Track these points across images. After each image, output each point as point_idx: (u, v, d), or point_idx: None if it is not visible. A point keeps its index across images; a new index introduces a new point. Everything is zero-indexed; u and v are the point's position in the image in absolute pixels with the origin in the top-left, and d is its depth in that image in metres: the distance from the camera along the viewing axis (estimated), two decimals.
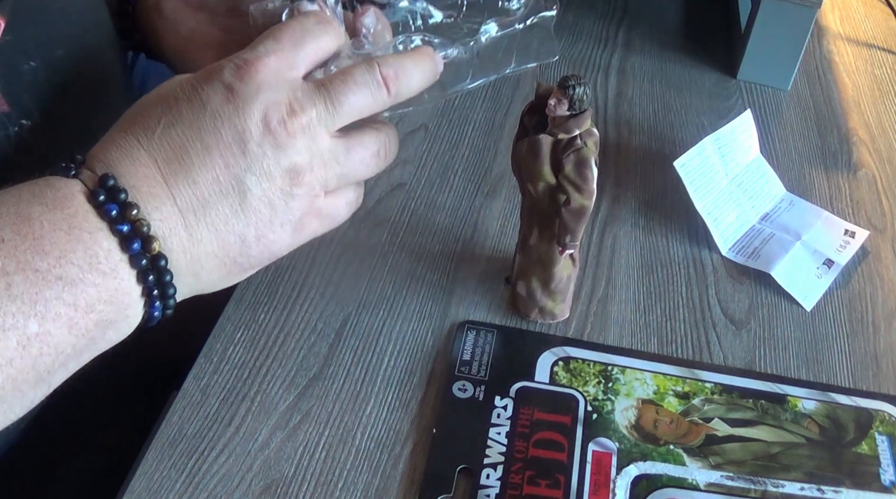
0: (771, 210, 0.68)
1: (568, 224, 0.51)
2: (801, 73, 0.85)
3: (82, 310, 0.35)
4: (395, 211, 0.63)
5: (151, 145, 0.38)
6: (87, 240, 0.35)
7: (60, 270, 0.34)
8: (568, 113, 0.49)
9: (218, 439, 0.48)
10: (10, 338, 0.33)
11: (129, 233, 0.36)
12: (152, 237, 0.36)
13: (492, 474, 0.47)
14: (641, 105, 0.79)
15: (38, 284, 0.33)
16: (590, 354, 0.54)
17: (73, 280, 0.34)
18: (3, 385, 0.33)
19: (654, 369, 0.54)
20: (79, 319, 0.35)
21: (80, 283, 0.34)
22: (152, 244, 0.36)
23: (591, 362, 0.54)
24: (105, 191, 0.36)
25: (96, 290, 0.35)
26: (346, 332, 0.54)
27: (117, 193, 0.36)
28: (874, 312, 0.61)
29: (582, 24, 0.89)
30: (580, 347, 0.55)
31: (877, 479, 0.49)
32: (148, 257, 0.37)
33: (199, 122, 0.38)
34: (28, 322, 0.33)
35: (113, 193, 0.36)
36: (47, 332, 0.34)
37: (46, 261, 0.34)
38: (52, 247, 0.34)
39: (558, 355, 0.54)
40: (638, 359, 0.54)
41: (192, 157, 0.38)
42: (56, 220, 0.35)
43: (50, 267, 0.34)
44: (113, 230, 0.36)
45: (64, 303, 0.34)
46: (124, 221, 0.36)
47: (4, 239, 0.33)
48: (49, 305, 0.33)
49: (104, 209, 0.36)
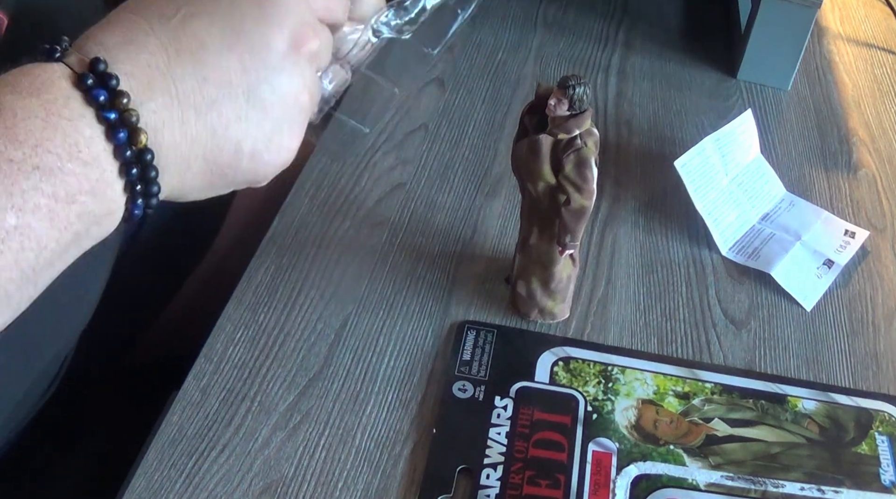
0: (771, 210, 0.68)
1: (568, 224, 0.51)
2: (801, 73, 0.85)
3: (63, 201, 0.33)
4: (395, 211, 0.63)
5: (164, 32, 0.35)
6: (65, 127, 0.33)
7: (37, 159, 0.32)
8: (568, 113, 0.49)
9: (218, 439, 0.48)
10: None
11: (115, 121, 0.34)
12: (140, 129, 0.34)
13: (492, 474, 0.47)
14: (641, 105, 0.79)
15: (14, 175, 0.31)
16: (590, 354, 0.54)
17: (51, 169, 0.32)
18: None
19: (654, 369, 0.54)
20: (60, 210, 0.33)
21: (59, 172, 0.32)
22: (139, 136, 0.34)
23: (591, 362, 0.54)
24: (95, 75, 0.34)
25: (76, 180, 0.33)
26: (346, 332, 0.54)
27: (108, 79, 0.34)
28: (874, 312, 0.61)
29: (582, 24, 0.89)
30: (580, 347, 0.55)
31: (877, 479, 0.49)
32: (133, 151, 0.34)
33: (225, 19, 0.36)
34: (5, 215, 0.31)
35: (103, 78, 0.34)
36: (27, 224, 0.32)
37: (21, 150, 0.31)
38: (27, 136, 0.32)
39: (558, 355, 0.54)
40: (638, 359, 0.54)
41: (210, 52, 0.36)
42: (30, 106, 0.32)
43: (25, 157, 0.32)
44: (99, 117, 0.33)
45: (43, 193, 0.32)
46: (112, 108, 0.33)
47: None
48: (27, 195, 0.31)
49: (91, 95, 0.33)
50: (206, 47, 0.36)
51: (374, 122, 0.58)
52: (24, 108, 0.32)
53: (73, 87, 0.33)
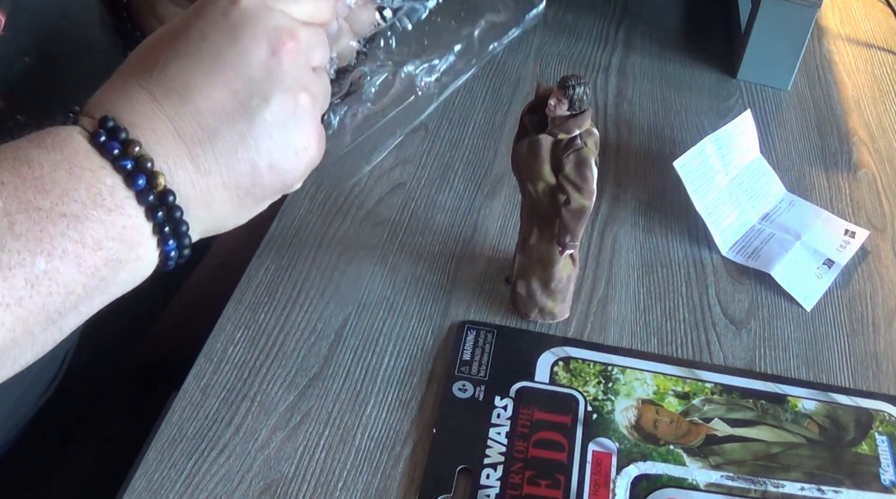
0: (771, 210, 0.68)
1: (568, 224, 0.51)
2: (801, 73, 0.85)
3: (90, 247, 0.34)
4: (395, 211, 0.63)
5: (150, 83, 0.37)
6: (89, 178, 0.35)
7: (64, 207, 0.33)
8: (568, 113, 0.49)
9: (218, 439, 0.48)
10: (17, 276, 0.32)
11: (132, 169, 0.35)
12: (157, 173, 0.36)
13: (492, 474, 0.47)
14: (641, 105, 0.79)
15: (42, 222, 0.33)
16: (590, 354, 0.54)
17: (77, 216, 0.34)
18: (13, 327, 0.33)
19: (654, 369, 0.54)
20: (87, 255, 0.34)
21: (86, 219, 0.34)
22: (158, 179, 0.36)
23: (591, 362, 0.54)
24: (105, 131, 0.36)
25: (103, 226, 0.34)
26: (346, 332, 0.54)
27: (118, 132, 0.36)
28: (874, 312, 0.61)
29: (582, 24, 0.89)
30: (580, 347, 0.55)
31: (877, 479, 0.49)
32: (155, 193, 0.36)
33: (199, 54, 0.38)
34: (35, 259, 0.33)
35: (114, 132, 0.36)
36: (55, 269, 0.33)
37: (49, 199, 0.33)
38: (54, 186, 0.33)
39: (558, 355, 0.54)
40: (638, 359, 0.54)
41: (194, 87, 0.38)
42: (56, 160, 0.34)
43: (53, 205, 0.33)
44: (116, 167, 0.35)
45: (70, 239, 0.33)
46: (127, 157, 0.35)
47: (4, 182, 0.33)
48: (55, 241, 0.33)
49: (106, 148, 0.35)
50: (189, 84, 0.38)
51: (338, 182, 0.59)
52: (51, 162, 0.34)
53: (87, 143, 0.35)
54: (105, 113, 0.36)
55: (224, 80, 0.38)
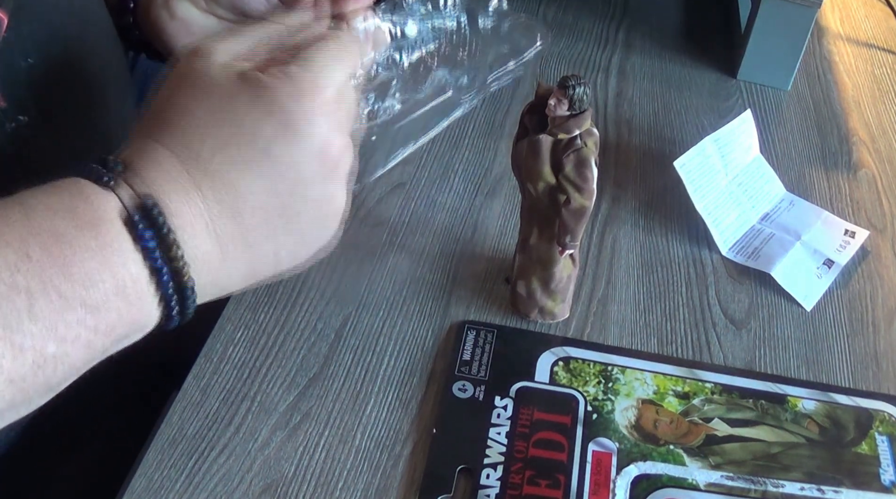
0: (771, 210, 0.68)
1: (568, 224, 0.51)
2: (801, 73, 0.85)
3: (102, 333, 0.34)
4: (395, 211, 0.63)
5: (196, 171, 0.36)
6: (115, 268, 0.34)
7: (86, 296, 0.33)
8: (568, 113, 0.49)
9: (218, 439, 0.48)
10: (27, 357, 0.32)
11: (161, 265, 0.35)
12: (182, 268, 0.36)
13: (492, 474, 0.47)
14: (641, 105, 0.79)
15: (62, 309, 0.33)
16: (590, 354, 0.54)
17: (97, 306, 0.33)
18: (13, 399, 0.33)
19: (654, 369, 0.54)
20: (98, 341, 0.34)
21: (104, 309, 0.34)
22: (183, 277, 0.36)
23: (591, 362, 0.54)
24: (144, 217, 0.35)
25: (119, 315, 0.35)
26: (346, 332, 0.54)
27: (156, 220, 0.35)
28: (874, 312, 0.61)
29: (582, 24, 0.89)
30: (580, 347, 0.55)
31: (877, 479, 0.49)
32: (174, 285, 0.36)
33: (251, 153, 0.37)
34: (47, 344, 0.32)
35: (152, 220, 0.35)
36: (65, 352, 0.33)
37: (73, 287, 0.33)
38: (80, 273, 0.33)
39: (558, 355, 0.54)
40: (638, 359, 0.54)
41: (241, 187, 0.37)
42: (89, 246, 0.34)
43: (75, 293, 0.33)
44: (146, 259, 0.35)
45: (85, 327, 0.33)
46: (160, 250, 0.35)
47: (32, 257, 0.32)
48: (69, 328, 0.33)
49: (141, 237, 0.34)
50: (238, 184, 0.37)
51: None
52: (84, 247, 0.33)
53: (123, 226, 0.35)
54: (146, 190, 0.35)
55: (271, 182, 0.37)
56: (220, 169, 0.37)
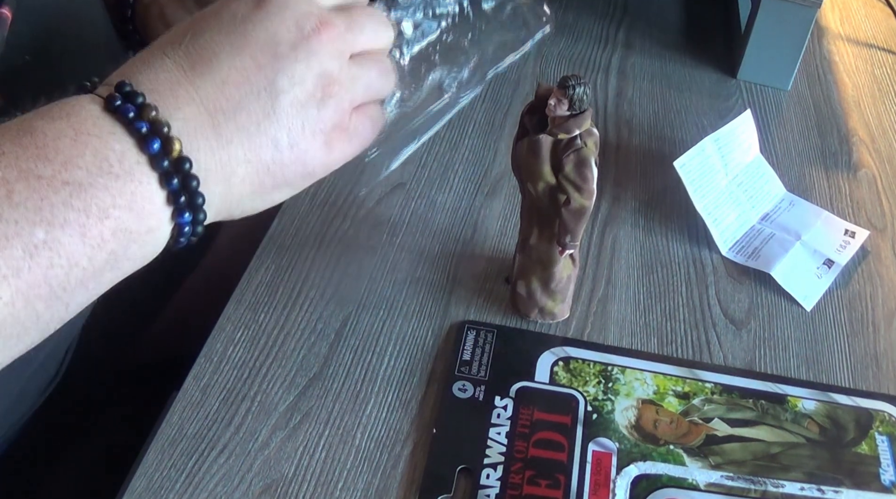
0: (771, 210, 0.68)
1: (568, 224, 0.51)
2: (801, 73, 0.85)
3: (95, 216, 0.32)
4: (395, 211, 0.63)
5: (177, 53, 0.37)
6: (96, 144, 0.33)
7: (67, 174, 0.32)
8: (568, 113, 0.49)
9: (218, 439, 0.48)
10: (14, 246, 0.30)
11: (146, 132, 0.34)
12: (173, 138, 0.35)
13: (492, 474, 0.47)
14: (641, 105, 0.79)
15: (42, 190, 0.31)
16: (590, 354, 0.54)
17: (81, 184, 0.32)
18: (12, 300, 0.31)
19: (654, 369, 0.54)
20: (92, 225, 0.32)
21: (90, 187, 0.32)
22: (173, 144, 0.34)
23: (591, 362, 0.54)
24: (121, 95, 0.34)
25: (109, 194, 0.33)
26: (346, 332, 0.54)
27: (134, 96, 0.34)
28: (874, 312, 0.61)
29: (582, 24, 0.89)
30: (580, 347, 0.55)
31: (877, 479, 0.49)
32: (170, 159, 0.34)
33: (229, 28, 0.38)
34: (34, 229, 0.31)
35: (130, 96, 0.34)
36: (56, 239, 0.31)
37: (51, 167, 0.32)
38: (56, 154, 0.32)
39: (558, 355, 0.54)
40: (638, 359, 0.54)
41: (222, 58, 0.37)
42: (60, 128, 0.33)
43: (55, 173, 0.32)
44: (129, 130, 0.34)
45: (73, 208, 0.32)
46: (141, 120, 0.34)
47: (5, 152, 0.31)
48: (56, 210, 0.31)
49: (120, 111, 0.34)
50: (218, 55, 0.37)
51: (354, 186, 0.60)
52: (55, 130, 0.33)
53: (102, 110, 0.34)
54: (121, 79, 0.35)
55: (251, 55, 0.38)
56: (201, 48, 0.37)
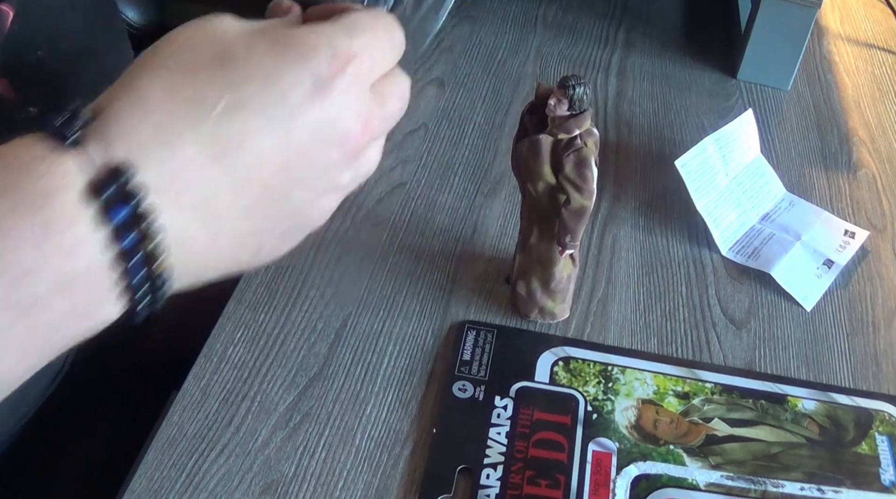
0: (771, 210, 0.68)
1: (568, 224, 0.51)
2: (801, 73, 0.85)
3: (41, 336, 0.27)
4: (395, 211, 0.63)
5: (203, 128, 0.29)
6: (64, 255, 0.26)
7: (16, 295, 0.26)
8: (568, 113, 0.49)
9: (218, 439, 0.48)
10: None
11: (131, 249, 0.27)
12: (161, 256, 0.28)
13: (492, 474, 0.47)
14: (641, 105, 0.79)
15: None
16: (590, 354, 0.54)
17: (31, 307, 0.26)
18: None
19: (654, 369, 0.54)
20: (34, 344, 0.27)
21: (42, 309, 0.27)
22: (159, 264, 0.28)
23: (591, 362, 0.54)
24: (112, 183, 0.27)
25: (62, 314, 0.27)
26: (346, 332, 0.54)
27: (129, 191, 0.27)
28: (874, 312, 0.61)
29: (582, 24, 0.89)
30: (580, 346, 0.55)
31: (877, 479, 0.49)
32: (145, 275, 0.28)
33: (272, 113, 0.30)
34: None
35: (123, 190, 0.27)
36: None
37: None
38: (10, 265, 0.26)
39: (558, 355, 0.54)
40: (638, 359, 0.54)
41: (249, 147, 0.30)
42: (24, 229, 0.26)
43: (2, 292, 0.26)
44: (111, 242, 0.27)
45: (13, 336, 0.26)
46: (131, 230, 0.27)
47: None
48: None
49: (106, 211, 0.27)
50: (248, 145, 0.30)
51: None
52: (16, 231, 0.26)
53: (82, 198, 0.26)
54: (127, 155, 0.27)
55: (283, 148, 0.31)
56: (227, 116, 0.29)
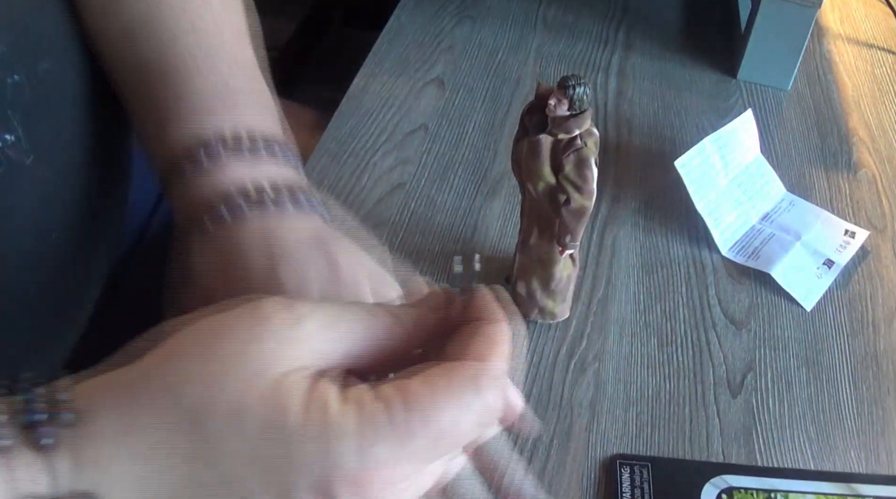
0: (771, 210, 0.68)
1: (568, 224, 0.51)
2: (801, 73, 0.85)
3: None
4: (395, 211, 0.63)
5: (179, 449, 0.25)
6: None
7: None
8: (568, 113, 0.49)
9: None
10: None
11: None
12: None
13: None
14: (641, 105, 0.79)
15: None
16: (751, 481, 0.50)
17: None
18: None
19: (814, 490, 0.49)
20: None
21: None
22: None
23: (754, 491, 0.49)
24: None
25: None
26: None
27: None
28: (874, 312, 0.61)
29: (582, 25, 0.89)
30: (738, 473, 0.50)
31: None
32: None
33: None
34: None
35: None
36: None
37: None
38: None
39: (720, 487, 0.49)
40: (797, 479, 0.50)
41: None
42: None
43: None
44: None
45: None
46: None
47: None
48: None
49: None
50: None
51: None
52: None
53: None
54: (95, 488, 0.24)
55: None
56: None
